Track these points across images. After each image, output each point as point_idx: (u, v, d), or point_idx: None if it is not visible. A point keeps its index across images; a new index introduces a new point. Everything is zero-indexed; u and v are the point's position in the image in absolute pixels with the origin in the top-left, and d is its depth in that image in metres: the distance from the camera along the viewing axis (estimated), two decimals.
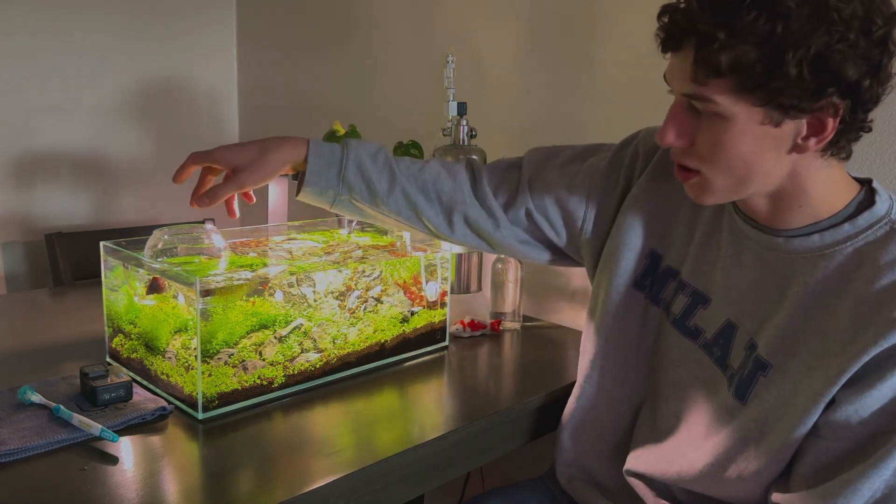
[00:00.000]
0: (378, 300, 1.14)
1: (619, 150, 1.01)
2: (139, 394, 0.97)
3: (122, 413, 0.91)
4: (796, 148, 0.75)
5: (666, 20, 0.76)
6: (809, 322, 0.79)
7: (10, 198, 1.92)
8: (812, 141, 0.74)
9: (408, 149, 1.57)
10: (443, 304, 1.24)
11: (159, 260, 1.03)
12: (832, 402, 0.76)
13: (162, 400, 0.96)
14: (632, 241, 0.96)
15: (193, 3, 2.20)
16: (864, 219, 0.78)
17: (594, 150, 1.03)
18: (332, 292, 1.08)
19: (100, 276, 1.11)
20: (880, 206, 0.79)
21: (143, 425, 0.91)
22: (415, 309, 1.20)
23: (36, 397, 0.92)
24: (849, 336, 0.75)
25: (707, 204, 0.84)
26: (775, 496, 0.81)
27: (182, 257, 1.04)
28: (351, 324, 1.10)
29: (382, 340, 1.15)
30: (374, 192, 0.95)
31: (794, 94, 0.70)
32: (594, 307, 1.00)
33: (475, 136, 1.51)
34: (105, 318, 1.11)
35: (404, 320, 1.18)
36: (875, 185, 0.81)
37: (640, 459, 0.96)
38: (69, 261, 1.82)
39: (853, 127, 0.75)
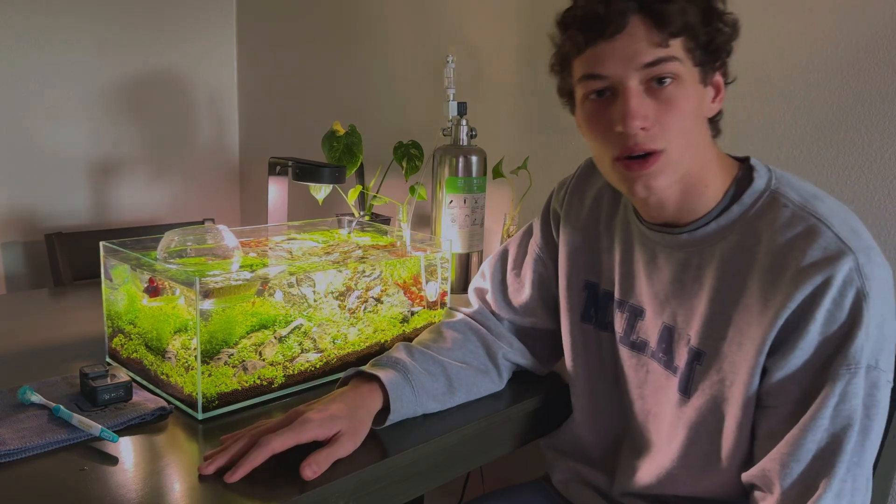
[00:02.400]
0: (378, 300, 1.14)
1: (544, 215, 1.09)
2: (139, 394, 0.97)
3: (121, 413, 0.91)
4: (708, 110, 0.83)
5: (601, 5, 0.78)
6: (728, 303, 0.83)
7: (10, 198, 1.92)
8: (716, 102, 0.83)
9: (407, 149, 1.57)
10: (443, 304, 1.24)
11: (171, 260, 1.03)
12: (766, 372, 0.80)
13: (162, 400, 0.96)
14: (569, 281, 1.03)
15: (193, 3, 2.20)
16: (748, 196, 0.84)
17: (529, 232, 1.11)
18: (332, 292, 1.08)
19: (100, 276, 1.11)
20: (759, 181, 0.84)
21: (143, 425, 0.91)
22: (415, 309, 1.20)
23: (36, 397, 0.92)
24: (762, 305, 0.80)
25: (658, 188, 0.83)
26: (744, 476, 0.83)
27: (193, 258, 1.05)
28: (351, 324, 1.10)
29: (382, 341, 1.15)
30: (442, 402, 0.98)
31: (723, 48, 0.79)
32: (564, 350, 1.06)
33: (475, 136, 1.51)
34: (105, 318, 1.11)
35: (404, 320, 1.18)
36: (753, 161, 0.87)
37: (628, 482, 0.99)
38: (69, 261, 1.82)
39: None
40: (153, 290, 1.03)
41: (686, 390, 0.88)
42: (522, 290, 1.09)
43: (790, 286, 0.77)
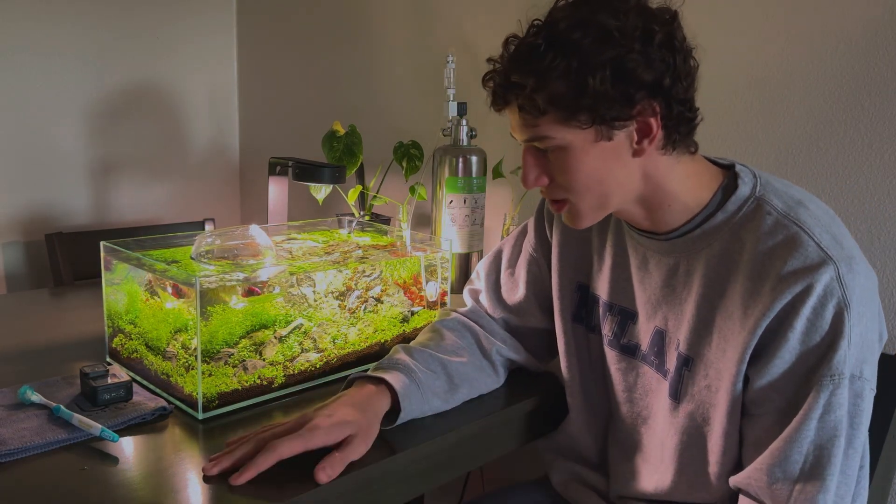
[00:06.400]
0: (378, 300, 1.14)
1: (538, 216, 1.10)
2: (139, 394, 0.97)
3: (122, 413, 0.91)
4: (636, 153, 0.82)
5: (491, 84, 0.86)
6: (713, 309, 0.84)
7: (10, 198, 1.92)
8: (645, 143, 0.81)
9: (407, 149, 1.57)
10: (443, 304, 1.24)
11: (205, 260, 1.05)
12: (749, 380, 0.81)
13: (162, 400, 0.96)
14: (561, 282, 1.04)
15: (193, 3, 2.20)
16: (732, 203, 0.84)
17: (524, 232, 1.12)
18: (333, 292, 1.08)
19: (100, 276, 1.11)
20: (743, 188, 0.84)
21: (143, 425, 0.91)
22: (415, 309, 1.20)
23: (36, 397, 0.92)
24: (742, 312, 0.80)
25: (584, 227, 0.90)
26: (731, 479, 0.83)
27: (221, 258, 1.06)
28: (351, 324, 1.10)
29: (383, 340, 1.15)
30: (446, 400, 0.98)
31: (609, 106, 0.78)
32: (559, 350, 1.07)
33: (475, 136, 1.51)
34: (105, 318, 1.11)
35: (404, 320, 1.18)
36: (738, 168, 0.87)
37: (623, 486, 0.99)
38: (69, 261, 1.82)
39: (678, 121, 0.81)
40: (177, 292, 1.03)
41: (676, 395, 0.89)
42: (516, 290, 1.10)
43: (770, 295, 0.78)
